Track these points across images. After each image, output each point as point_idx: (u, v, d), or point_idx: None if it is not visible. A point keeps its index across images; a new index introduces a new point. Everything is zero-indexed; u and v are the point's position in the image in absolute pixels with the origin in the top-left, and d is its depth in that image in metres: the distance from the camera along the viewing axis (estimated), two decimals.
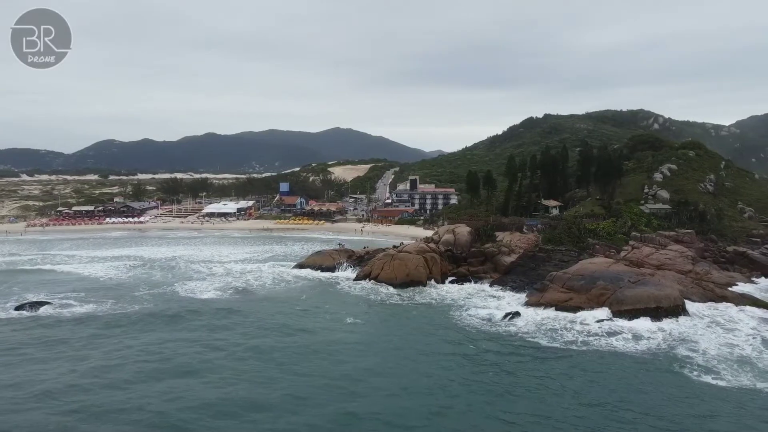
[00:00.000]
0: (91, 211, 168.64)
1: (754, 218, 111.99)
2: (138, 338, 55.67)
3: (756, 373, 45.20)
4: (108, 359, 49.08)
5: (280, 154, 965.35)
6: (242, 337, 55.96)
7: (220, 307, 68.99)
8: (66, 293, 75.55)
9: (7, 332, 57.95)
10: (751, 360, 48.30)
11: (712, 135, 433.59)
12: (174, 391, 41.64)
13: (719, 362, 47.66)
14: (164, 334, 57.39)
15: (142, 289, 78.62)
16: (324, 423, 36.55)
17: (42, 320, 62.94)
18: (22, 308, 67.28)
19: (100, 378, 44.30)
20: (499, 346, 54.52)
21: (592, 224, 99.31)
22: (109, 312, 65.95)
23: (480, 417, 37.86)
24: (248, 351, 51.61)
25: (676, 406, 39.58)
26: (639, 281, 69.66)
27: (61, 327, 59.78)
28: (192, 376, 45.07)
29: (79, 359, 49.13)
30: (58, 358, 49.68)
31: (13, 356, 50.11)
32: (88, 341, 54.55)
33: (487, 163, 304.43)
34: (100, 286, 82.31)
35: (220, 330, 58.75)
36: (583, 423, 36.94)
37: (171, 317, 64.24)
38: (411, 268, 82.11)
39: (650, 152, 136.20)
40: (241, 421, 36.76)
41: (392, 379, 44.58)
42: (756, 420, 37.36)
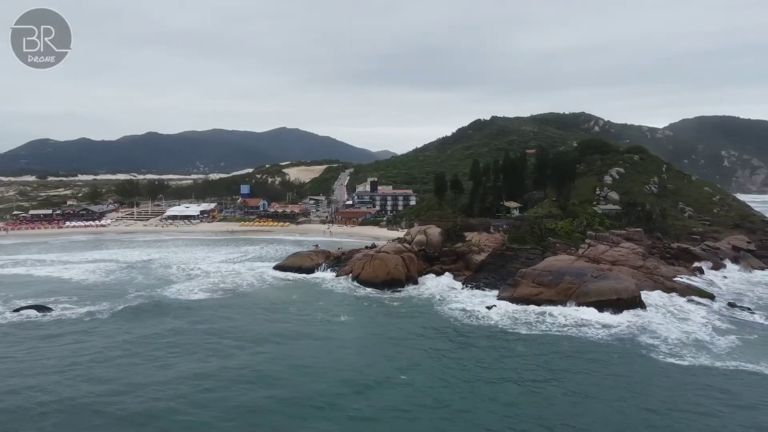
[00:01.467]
0: (49, 215, 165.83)
1: (693, 217, 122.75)
2: (156, 339, 58.82)
3: (713, 355, 52.87)
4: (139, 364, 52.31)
5: (226, 154, 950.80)
6: (250, 338, 59.85)
7: (214, 306, 72.52)
8: (57, 297, 77.03)
9: (23, 333, 60.12)
10: (706, 344, 56.01)
11: (648, 137, 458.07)
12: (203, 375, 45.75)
13: (680, 347, 55.15)
14: (172, 330, 60.79)
15: (131, 292, 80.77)
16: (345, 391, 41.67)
17: (43, 322, 64.93)
18: (19, 311, 68.80)
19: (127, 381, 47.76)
20: (482, 335, 60.61)
21: (552, 224, 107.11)
22: (107, 314, 68.30)
23: (480, 400, 43.40)
24: (264, 351, 55.72)
25: (648, 382, 46.57)
26: (600, 276, 77.13)
27: (69, 327, 62.22)
28: (212, 361, 49.19)
29: (99, 358, 52.21)
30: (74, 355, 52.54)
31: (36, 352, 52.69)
32: (104, 338, 57.54)
33: (439, 164, 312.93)
34: (86, 289, 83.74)
35: (223, 328, 62.57)
36: (571, 400, 43.26)
37: (171, 315, 67.67)
38: (391, 267, 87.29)
39: (599, 156, 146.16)
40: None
41: (396, 371, 49.47)
42: (717, 391, 44.71)
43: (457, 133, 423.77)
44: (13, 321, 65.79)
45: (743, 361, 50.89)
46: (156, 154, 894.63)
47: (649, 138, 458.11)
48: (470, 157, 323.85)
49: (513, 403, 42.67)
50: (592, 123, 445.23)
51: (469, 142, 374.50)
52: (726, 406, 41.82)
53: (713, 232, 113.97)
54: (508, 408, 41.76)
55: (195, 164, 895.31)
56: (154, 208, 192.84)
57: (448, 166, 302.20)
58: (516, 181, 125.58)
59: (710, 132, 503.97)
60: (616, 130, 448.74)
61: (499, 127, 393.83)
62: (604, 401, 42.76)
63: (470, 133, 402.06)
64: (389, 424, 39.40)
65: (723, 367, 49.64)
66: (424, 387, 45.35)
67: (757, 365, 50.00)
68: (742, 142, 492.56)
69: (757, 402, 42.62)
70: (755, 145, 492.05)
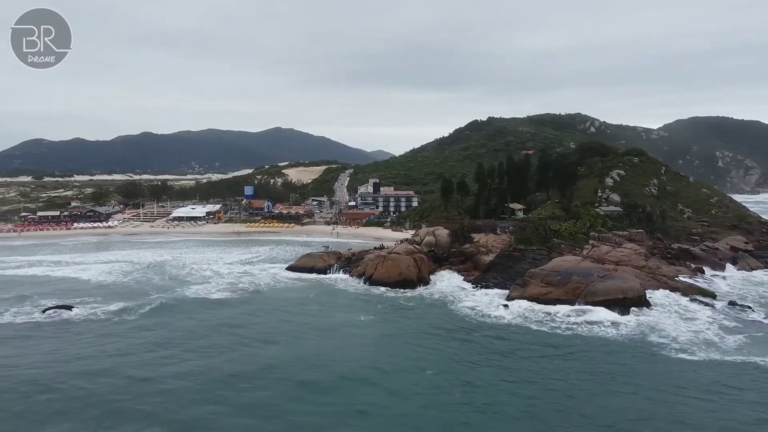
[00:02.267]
0: (57, 217, 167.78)
1: (692, 218, 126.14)
2: (189, 338, 61.51)
3: (722, 351, 56.06)
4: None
5: (220, 154, 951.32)
6: (276, 336, 62.66)
7: (236, 306, 75.40)
8: (81, 298, 79.48)
9: (57, 332, 62.70)
10: (715, 342, 59.11)
11: (644, 138, 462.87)
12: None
13: (690, 344, 58.13)
14: (200, 328, 63.46)
15: (152, 293, 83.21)
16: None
17: (75, 322, 67.55)
18: (48, 311, 71.24)
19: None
20: (497, 334, 63.42)
21: (556, 225, 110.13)
22: (135, 314, 70.87)
23: (503, 394, 46.20)
24: (291, 349, 58.50)
25: (662, 376, 49.60)
26: (606, 276, 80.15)
27: (99, 326, 64.87)
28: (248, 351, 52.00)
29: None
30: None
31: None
32: (136, 337, 60.22)
33: (437, 165, 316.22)
34: (107, 290, 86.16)
35: (249, 326, 65.35)
36: (589, 394, 46.19)
37: (197, 314, 70.49)
38: (403, 267, 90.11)
39: (599, 158, 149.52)
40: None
41: (420, 368, 52.18)
42: (730, 377, 48.38)
43: (455, 133, 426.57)
44: (44, 321, 68.31)
45: (749, 357, 54.05)
46: (151, 154, 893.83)
47: (645, 139, 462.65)
48: (468, 158, 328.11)
49: (533, 396, 45.42)
50: (588, 124, 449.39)
51: (466, 142, 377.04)
52: (735, 399, 44.84)
53: (712, 233, 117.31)
54: (529, 401, 44.48)
55: (190, 164, 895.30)
56: (159, 209, 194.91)
57: (446, 167, 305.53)
58: (519, 184, 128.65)
59: (704, 132, 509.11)
60: (612, 130, 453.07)
61: (496, 127, 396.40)
62: (621, 395, 45.61)
63: (467, 134, 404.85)
64: (420, 417, 42.04)
65: (731, 362, 52.86)
66: (450, 383, 47.89)
67: (764, 360, 53.24)
68: (736, 142, 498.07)
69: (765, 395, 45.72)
70: (748, 145, 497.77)
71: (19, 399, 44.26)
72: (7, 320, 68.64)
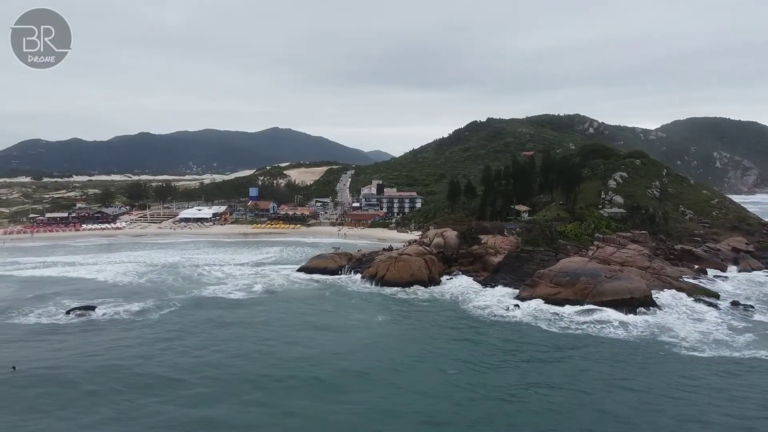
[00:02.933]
0: (65, 218, 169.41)
1: (694, 220, 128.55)
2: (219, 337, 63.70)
3: (732, 348, 58.69)
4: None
5: (218, 154, 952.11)
6: (299, 333, 64.95)
7: (256, 305, 77.68)
8: (102, 299, 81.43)
9: (84, 332, 64.87)
10: (725, 340, 61.61)
11: (642, 139, 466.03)
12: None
13: (700, 343, 60.57)
14: (224, 330, 65.62)
15: (170, 294, 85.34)
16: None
17: (100, 322, 69.65)
18: (72, 312, 73.13)
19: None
20: (511, 333, 65.74)
21: (561, 227, 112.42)
22: (156, 314, 72.94)
23: (523, 391, 48.33)
24: (316, 346, 60.75)
25: (675, 372, 52.07)
26: (613, 276, 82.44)
27: (124, 326, 66.96)
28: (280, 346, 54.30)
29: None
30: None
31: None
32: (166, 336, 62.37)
33: (438, 166, 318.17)
34: (125, 291, 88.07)
35: (270, 324, 67.60)
36: (606, 388, 48.49)
37: (218, 313, 72.61)
38: (414, 268, 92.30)
39: (601, 160, 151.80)
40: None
41: (442, 365, 54.61)
42: (738, 375, 51.02)
43: (454, 134, 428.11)
44: (70, 322, 70.21)
45: (756, 354, 56.73)
46: (148, 154, 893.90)
47: (643, 139, 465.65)
48: (469, 159, 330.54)
49: (553, 393, 47.56)
50: (586, 125, 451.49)
51: (466, 143, 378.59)
52: (743, 396, 47.23)
53: (713, 234, 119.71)
54: (549, 397, 46.65)
55: (188, 164, 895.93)
56: (165, 210, 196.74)
57: (447, 168, 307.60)
58: (524, 186, 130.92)
59: (702, 133, 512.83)
60: (611, 131, 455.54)
61: (495, 128, 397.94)
62: (636, 391, 47.82)
63: (467, 135, 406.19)
64: (449, 414, 44.17)
65: (740, 359, 55.52)
66: (472, 382, 49.89)
67: (761, 354, 56.19)
68: (733, 143, 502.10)
69: (749, 388, 48.53)
70: (745, 146, 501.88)
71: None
72: (33, 321, 70.55)
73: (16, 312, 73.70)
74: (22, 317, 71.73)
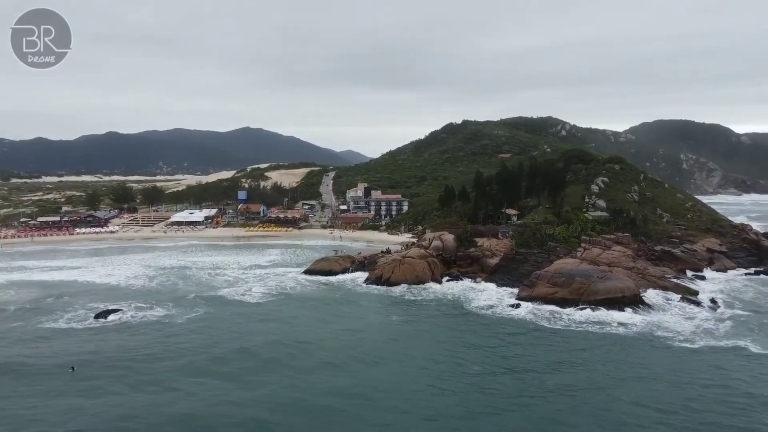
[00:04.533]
0: (57, 222, 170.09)
1: (670, 222, 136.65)
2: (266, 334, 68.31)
3: (721, 340, 66.10)
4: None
5: (188, 154, 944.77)
6: (326, 338, 69.84)
7: (277, 306, 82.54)
8: (127, 301, 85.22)
9: (126, 336, 69.03)
10: (714, 333, 69.09)
11: (612, 141, 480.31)
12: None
13: (692, 336, 67.77)
14: (253, 331, 70.44)
15: (190, 295, 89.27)
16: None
17: (134, 324, 73.49)
18: (101, 316, 76.66)
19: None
20: (518, 330, 71.85)
21: (550, 230, 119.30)
22: (182, 317, 76.90)
23: (545, 383, 54.10)
24: (346, 349, 66.00)
25: (670, 360, 58.91)
26: (605, 276, 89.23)
27: (159, 328, 71.15)
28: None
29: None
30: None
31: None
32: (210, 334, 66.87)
33: (418, 168, 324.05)
34: (141, 294, 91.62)
35: (297, 324, 72.87)
36: (612, 380, 54.81)
37: (243, 314, 77.42)
38: (419, 270, 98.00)
39: (582, 165, 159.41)
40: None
41: (460, 362, 60.34)
42: (727, 356, 59.00)
43: (430, 136, 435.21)
44: (104, 325, 73.78)
45: (736, 344, 64.31)
46: (116, 154, 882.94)
47: (613, 141, 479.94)
48: (448, 161, 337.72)
49: (572, 384, 53.48)
50: (559, 127, 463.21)
51: (443, 145, 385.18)
52: (727, 376, 54.53)
53: (689, 236, 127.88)
54: (570, 388, 52.43)
55: (158, 164, 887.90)
56: (154, 213, 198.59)
57: (427, 170, 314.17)
58: (513, 190, 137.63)
59: (669, 135, 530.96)
60: (582, 134, 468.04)
61: (471, 130, 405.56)
62: (641, 380, 54.33)
63: (444, 137, 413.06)
64: (474, 401, 49.96)
65: (724, 348, 63.13)
66: (496, 377, 55.63)
67: (747, 346, 63.59)
68: (698, 145, 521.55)
69: (751, 373, 55.58)
70: (709, 148, 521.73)
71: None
72: (65, 325, 73.79)
73: (46, 317, 76.75)
74: (52, 322, 74.86)
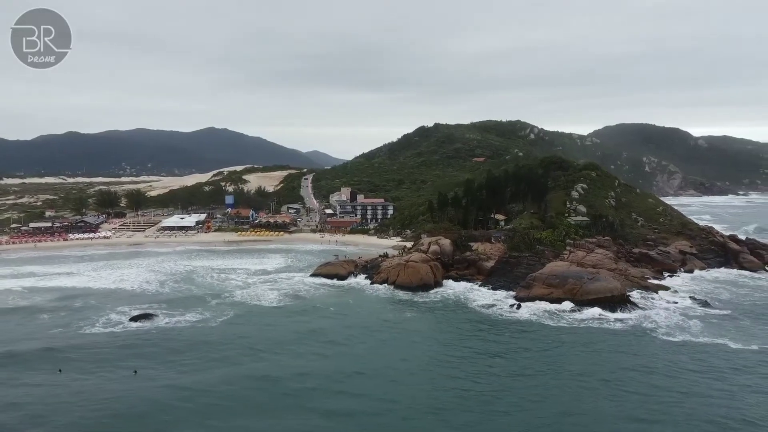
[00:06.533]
0: (50, 228, 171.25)
1: (645, 226, 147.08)
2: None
3: (696, 334, 75.40)
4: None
5: (153, 154, 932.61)
6: (354, 338, 76.68)
7: (297, 310, 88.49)
8: (150, 305, 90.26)
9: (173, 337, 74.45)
10: (690, 328, 78.45)
11: (579, 144, 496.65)
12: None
13: (673, 330, 77.17)
14: (286, 333, 76.84)
15: (210, 300, 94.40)
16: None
17: (176, 328, 78.47)
18: (135, 321, 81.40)
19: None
20: (524, 329, 79.68)
21: (538, 234, 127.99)
22: (215, 321, 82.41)
23: (560, 377, 61.98)
24: (379, 342, 73.20)
25: (655, 352, 68.09)
26: (594, 278, 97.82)
27: (200, 331, 76.78)
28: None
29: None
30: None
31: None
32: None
33: (396, 171, 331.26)
34: (160, 299, 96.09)
35: (323, 326, 79.37)
36: (614, 369, 63.02)
37: (270, 317, 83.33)
38: (423, 274, 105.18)
39: (561, 172, 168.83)
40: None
41: (479, 359, 67.89)
42: (699, 353, 67.40)
43: (403, 139, 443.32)
44: (141, 328, 78.58)
45: (711, 338, 73.89)
46: (77, 154, 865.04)
47: (580, 145, 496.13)
48: (424, 164, 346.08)
49: (585, 373, 61.54)
50: (528, 131, 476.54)
51: (417, 149, 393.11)
52: (703, 365, 63.72)
53: (662, 239, 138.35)
54: (575, 378, 60.48)
55: (120, 165, 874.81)
56: (142, 218, 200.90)
57: (404, 173, 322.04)
58: (500, 196, 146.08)
59: (631, 138, 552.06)
60: (550, 137, 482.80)
61: (443, 134, 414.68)
62: (641, 370, 62.85)
63: (417, 140, 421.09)
64: (495, 395, 57.41)
65: (701, 342, 72.41)
66: (518, 375, 62.42)
67: (722, 340, 73.01)
68: (659, 148, 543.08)
69: (724, 364, 64.67)
70: (669, 151, 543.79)
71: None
72: (104, 329, 78.31)
73: (82, 322, 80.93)
74: (90, 327, 79.12)
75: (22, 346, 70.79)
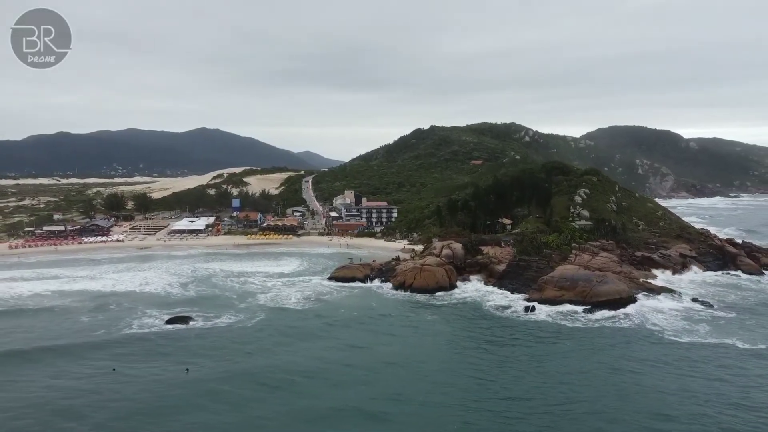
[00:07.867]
0: (63, 231, 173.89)
1: (645, 230, 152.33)
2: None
3: (700, 335, 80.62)
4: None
5: (144, 154, 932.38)
6: (393, 338, 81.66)
7: (327, 311, 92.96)
8: (181, 308, 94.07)
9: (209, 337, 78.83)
10: (693, 329, 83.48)
11: (573, 147, 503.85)
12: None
13: (677, 331, 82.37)
14: (320, 332, 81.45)
15: (237, 303, 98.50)
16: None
17: (213, 329, 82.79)
18: (173, 323, 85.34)
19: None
20: (542, 330, 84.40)
21: (544, 238, 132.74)
22: (248, 321, 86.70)
23: (583, 376, 66.68)
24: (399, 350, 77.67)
25: (662, 351, 73.03)
26: (602, 280, 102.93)
27: (236, 332, 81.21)
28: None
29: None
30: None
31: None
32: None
33: (395, 174, 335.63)
34: (186, 302, 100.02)
35: (358, 328, 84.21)
36: (627, 363, 67.92)
37: (301, 319, 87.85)
38: (439, 276, 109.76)
39: (563, 177, 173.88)
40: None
41: (519, 374, 72.58)
42: (703, 352, 72.55)
43: (400, 141, 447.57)
44: (179, 329, 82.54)
45: (719, 338, 78.87)
46: (68, 155, 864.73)
47: (574, 147, 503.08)
48: (422, 167, 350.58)
49: (596, 365, 66.37)
50: (522, 133, 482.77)
51: (414, 151, 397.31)
52: (709, 365, 68.62)
53: (663, 242, 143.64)
54: (586, 376, 65.20)
55: (112, 166, 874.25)
56: (151, 220, 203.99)
57: (404, 176, 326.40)
58: (507, 201, 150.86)
59: (623, 140, 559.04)
60: (544, 140, 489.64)
61: (440, 136, 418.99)
62: (649, 367, 67.78)
63: (414, 143, 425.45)
64: (514, 390, 62.11)
65: (706, 343, 77.42)
66: (545, 373, 67.07)
67: (730, 340, 78.05)
68: (650, 150, 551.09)
69: (726, 363, 69.35)
70: (661, 153, 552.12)
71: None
72: (143, 330, 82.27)
73: (120, 323, 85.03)
74: (128, 329, 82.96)
75: (71, 340, 77.53)
